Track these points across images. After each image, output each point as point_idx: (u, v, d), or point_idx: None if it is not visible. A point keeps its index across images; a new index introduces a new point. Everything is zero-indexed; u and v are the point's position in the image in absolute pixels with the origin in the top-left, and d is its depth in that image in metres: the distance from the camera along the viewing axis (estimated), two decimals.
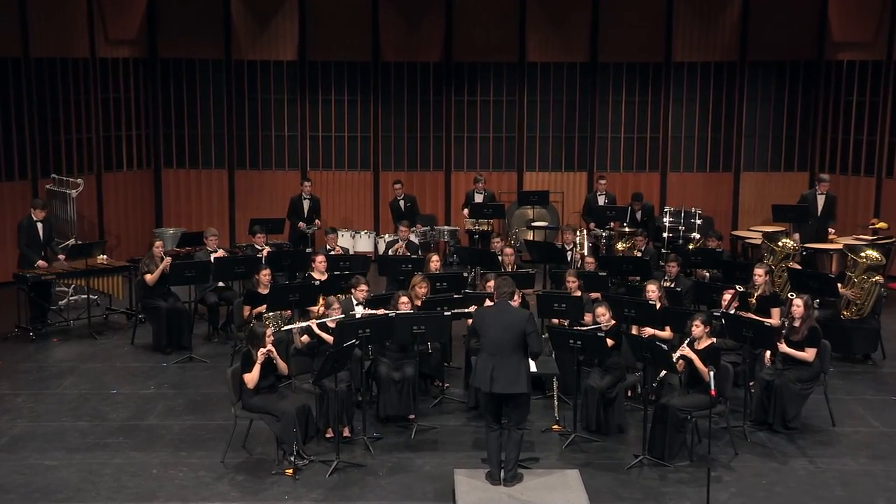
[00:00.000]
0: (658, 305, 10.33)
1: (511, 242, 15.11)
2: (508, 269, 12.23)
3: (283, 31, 16.93)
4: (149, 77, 16.79)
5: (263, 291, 11.14)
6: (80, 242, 13.68)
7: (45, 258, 12.94)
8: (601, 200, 15.83)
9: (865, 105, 16.12)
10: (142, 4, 16.45)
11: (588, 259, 12.48)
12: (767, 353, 9.86)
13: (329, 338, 9.54)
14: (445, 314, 9.87)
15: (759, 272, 10.93)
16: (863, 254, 12.03)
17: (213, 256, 12.64)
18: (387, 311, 9.93)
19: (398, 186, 16.00)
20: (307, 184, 15.63)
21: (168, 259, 12.20)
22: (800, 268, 12.77)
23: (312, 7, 16.82)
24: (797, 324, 9.67)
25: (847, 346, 11.79)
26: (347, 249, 14.65)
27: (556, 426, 9.70)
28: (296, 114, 17.13)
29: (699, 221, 15.23)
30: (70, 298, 13.80)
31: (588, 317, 10.53)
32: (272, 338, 9.00)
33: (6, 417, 9.95)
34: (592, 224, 15.62)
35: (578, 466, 8.75)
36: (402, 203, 15.94)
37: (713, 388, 8.34)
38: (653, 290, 10.49)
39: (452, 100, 17.14)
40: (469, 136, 17.28)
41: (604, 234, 15.16)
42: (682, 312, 10.08)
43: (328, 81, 17.06)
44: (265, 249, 13.18)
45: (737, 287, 10.70)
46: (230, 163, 17.23)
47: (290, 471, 8.65)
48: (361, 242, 16.41)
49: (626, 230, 14.91)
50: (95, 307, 13.41)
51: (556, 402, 9.89)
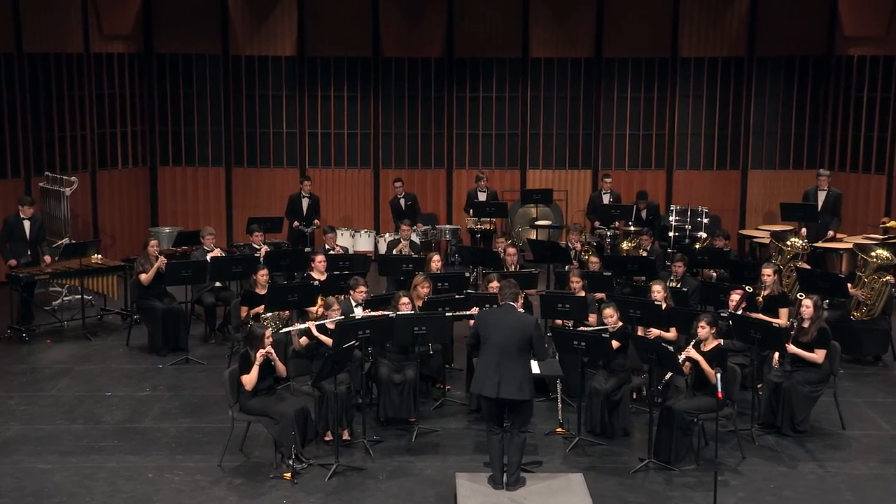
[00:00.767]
0: (664, 306, 10.33)
1: (514, 242, 15.10)
2: (511, 269, 12.22)
3: (282, 26, 16.93)
4: (144, 73, 16.79)
5: (261, 292, 11.14)
6: (74, 241, 13.68)
7: (34, 257, 12.93)
8: (606, 199, 15.83)
9: (877, 101, 16.10)
10: None
11: (592, 259, 12.47)
12: (776, 355, 9.86)
13: (328, 340, 9.54)
14: (447, 315, 9.87)
15: (767, 272, 10.93)
16: (873, 253, 12.02)
17: (210, 256, 12.64)
18: (387, 312, 9.93)
19: (399, 185, 16.00)
20: (306, 183, 15.64)
21: (163, 258, 12.21)
22: (809, 267, 12.76)
23: (312, 1, 16.82)
24: (806, 325, 9.67)
25: (857, 348, 11.78)
26: (347, 249, 14.65)
27: (560, 429, 9.70)
28: (294, 110, 17.14)
29: (706, 220, 15.24)
30: (64, 299, 13.80)
31: (592, 317, 10.55)
32: (271, 339, 9.00)
33: None
34: (597, 223, 15.63)
35: (582, 470, 8.74)
36: (403, 202, 15.95)
37: (720, 391, 8.32)
38: (658, 291, 10.50)
39: (454, 96, 17.14)
40: (471, 133, 17.28)
41: (608, 234, 15.15)
42: (689, 313, 10.07)
43: (328, 77, 17.06)
44: (263, 249, 13.18)
45: (745, 287, 10.69)
46: (227, 160, 17.23)
47: (289, 474, 8.65)
48: (361, 242, 16.41)
49: (632, 229, 14.91)
50: (90, 308, 13.39)
51: (560, 405, 9.89)
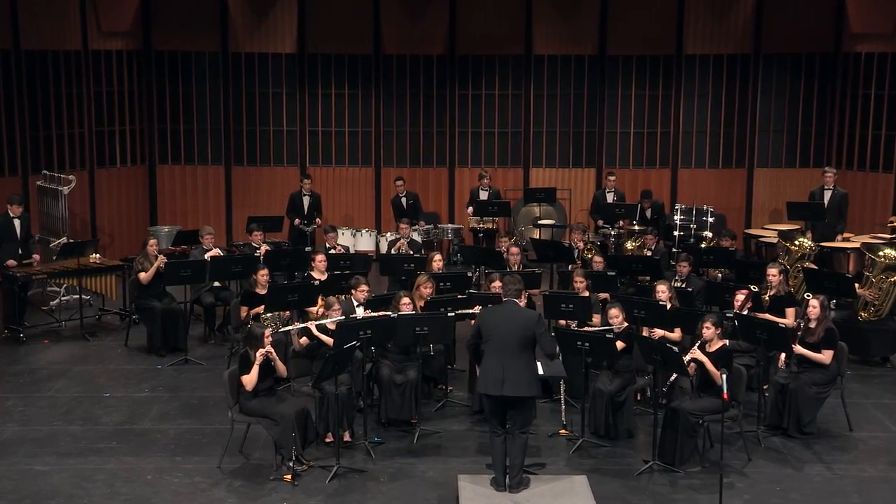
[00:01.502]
0: (668, 306, 10.33)
1: (517, 241, 15.11)
2: (514, 269, 12.22)
3: (282, 23, 16.94)
4: (143, 70, 16.80)
5: (261, 292, 11.15)
6: (72, 241, 13.69)
7: (26, 256, 12.94)
8: (610, 198, 15.84)
9: (884, 99, 16.09)
10: None
11: (596, 258, 12.48)
12: (782, 356, 9.86)
13: (329, 340, 9.54)
14: (449, 315, 9.88)
15: (773, 272, 10.94)
16: (881, 253, 12.01)
17: (210, 255, 12.65)
18: (387, 313, 9.94)
19: (400, 183, 16.01)
20: (307, 181, 15.64)
21: (162, 258, 12.22)
22: (816, 267, 12.76)
23: None
24: (813, 325, 9.67)
25: (864, 349, 11.78)
26: (348, 248, 14.65)
27: (564, 430, 9.70)
28: (295, 108, 17.14)
29: (711, 219, 15.23)
30: (62, 299, 13.81)
31: (596, 317, 10.55)
32: (271, 338, 9.01)
33: None
34: (600, 222, 15.63)
35: (586, 472, 8.74)
36: (405, 200, 15.96)
37: (725, 392, 8.32)
38: (663, 291, 10.49)
39: (456, 94, 17.15)
40: (473, 132, 17.28)
41: (612, 233, 15.16)
42: (694, 313, 10.07)
43: (328, 75, 17.07)
44: (263, 248, 13.19)
45: (750, 287, 10.69)
46: (227, 159, 17.24)
47: (289, 476, 8.66)
48: (362, 241, 16.42)
49: (636, 228, 14.91)
50: (88, 308, 13.42)
51: (564, 406, 9.89)
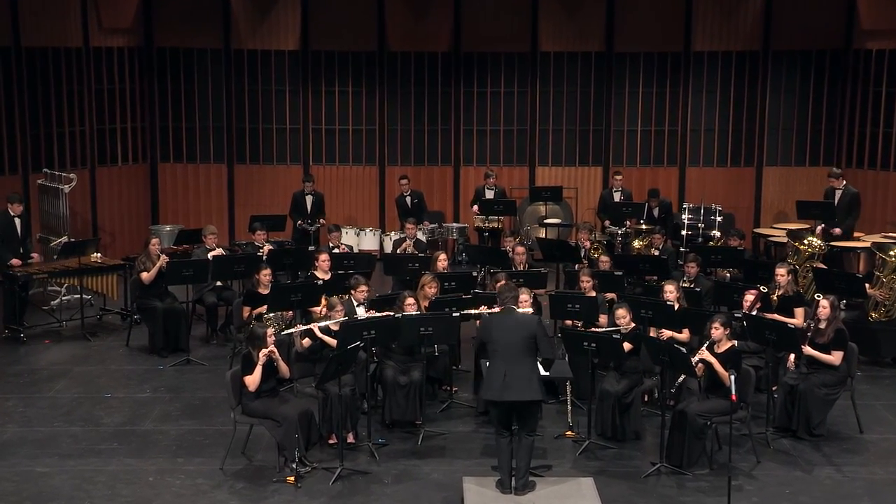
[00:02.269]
0: (676, 306, 10.33)
1: (522, 240, 15.10)
2: (519, 269, 12.23)
3: (285, 20, 16.95)
4: (145, 67, 16.82)
5: (264, 291, 11.16)
6: (73, 240, 13.72)
7: (25, 255, 12.97)
8: (617, 196, 15.83)
9: (895, 96, 16.07)
10: None
11: (603, 258, 12.48)
12: (791, 357, 9.85)
13: (332, 341, 9.55)
14: (454, 315, 9.88)
15: (781, 272, 10.93)
16: (892, 252, 11.99)
17: (212, 255, 12.67)
18: (390, 313, 9.94)
19: (405, 182, 16.02)
20: (308, 184, 15.61)
21: (164, 257, 12.24)
22: (825, 267, 12.74)
23: None
24: (823, 325, 9.66)
25: (875, 349, 11.77)
26: (352, 247, 14.67)
27: (570, 432, 9.70)
28: (298, 106, 17.15)
29: (720, 219, 15.22)
30: (62, 298, 13.84)
31: (603, 318, 10.55)
32: (273, 338, 9.02)
33: None
34: (607, 221, 15.63)
35: (593, 474, 8.75)
36: (409, 199, 15.96)
37: (734, 393, 8.32)
38: (671, 291, 10.50)
39: (461, 91, 17.15)
40: (479, 130, 17.28)
41: (619, 232, 15.15)
42: (702, 314, 10.07)
43: (332, 72, 17.08)
44: (266, 247, 13.20)
45: (759, 287, 10.68)
46: (229, 157, 17.26)
47: (292, 478, 8.67)
48: (366, 240, 16.44)
49: (643, 228, 14.90)
50: (89, 307, 13.43)
51: (570, 408, 9.90)
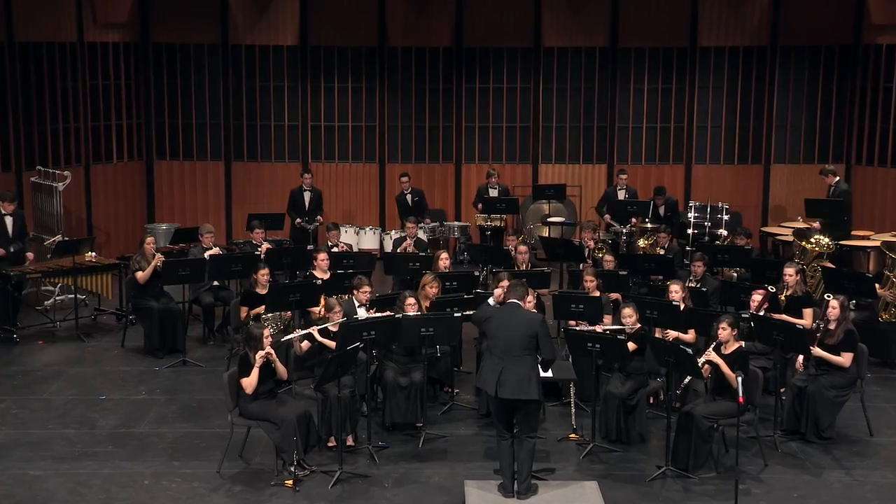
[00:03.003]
0: (682, 307, 10.33)
1: (525, 239, 15.10)
2: (522, 268, 12.22)
3: (284, 14, 16.94)
4: (140, 63, 16.82)
5: (262, 291, 11.15)
6: (67, 239, 13.71)
7: (19, 254, 12.96)
8: (621, 195, 15.82)
9: None
10: None
11: (607, 257, 12.47)
12: (800, 358, 9.85)
13: (331, 343, 9.55)
14: (455, 315, 9.88)
15: (790, 271, 10.94)
16: None
17: (209, 254, 12.66)
18: (392, 313, 9.93)
19: (405, 180, 16.01)
20: (307, 176, 15.64)
21: (160, 256, 12.23)
22: (834, 267, 12.73)
23: None
24: (832, 326, 9.65)
25: (885, 351, 11.75)
26: (351, 246, 14.66)
27: (574, 435, 9.70)
28: (297, 102, 17.15)
29: (726, 217, 15.20)
30: (56, 298, 13.83)
31: (607, 318, 10.54)
32: (270, 339, 9.01)
33: None
34: (607, 217, 15.61)
35: (597, 478, 8.74)
36: (410, 197, 15.96)
37: (741, 395, 8.32)
38: (676, 291, 10.49)
39: (463, 87, 17.13)
40: (481, 126, 17.27)
41: (624, 231, 15.14)
42: (708, 314, 10.06)
43: (331, 68, 17.07)
44: (264, 246, 13.20)
45: (767, 287, 10.67)
46: (227, 154, 17.25)
47: (291, 482, 8.67)
48: (366, 239, 16.43)
49: (649, 226, 14.90)
50: (83, 308, 13.44)
51: (574, 410, 9.89)
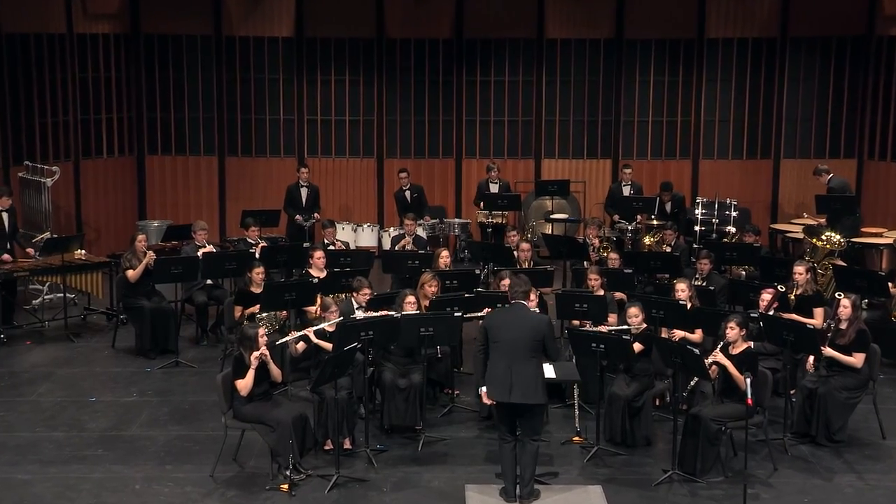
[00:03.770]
0: (689, 306, 10.32)
1: (527, 237, 15.10)
2: (525, 266, 12.22)
3: (279, 5, 16.93)
4: (131, 55, 16.81)
5: (257, 290, 11.15)
6: (56, 236, 13.71)
7: (11, 252, 12.96)
8: (626, 190, 15.82)
9: None
10: None
11: (612, 255, 12.47)
12: (810, 359, 9.84)
13: (327, 345, 9.54)
14: (456, 315, 9.87)
15: (800, 270, 10.93)
16: None
17: (202, 252, 12.65)
18: (389, 313, 9.93)
19: (404, 175, 16.01)
20: (304, 170, 15.64)
21: (152, 254, 12.22)
22: (845, 265, 12.72)
23: None
24: (844, 326, 9.64)
25: None
26: (348, 244, 14.65)
27: (577, 438, 9.70)
28: (292, 95, 17.15)
29: (735, 214, 15.20)
30: (45, 297, 13.83)
31: (612, 318, 10.54)
32: (265, 338, 9.01)
33: None
34: (617, 216, 15.61)
35: (601, 482, 8.75)
36: (409, 193, 15.96)
37: (750, 397, 8.31)
38: (683, 290, 10.49)
39: (464, 80, 17.13)
40: (482, 120, 17.27)
41: (629, 228, 15.13)
42: (716, 314, 10.06)
43: (328, 60, 17.06)
44: (259, 244, 13.20)
45: (777, 286, 10.67)
46: (220, 149, 17.25)
47: (286, 486, 8.66)
48: (364, 236, 16.42)
49: (654, 223, 14.89)
50: (73, 307, 13.44)
51: (577, 412, 9.88)
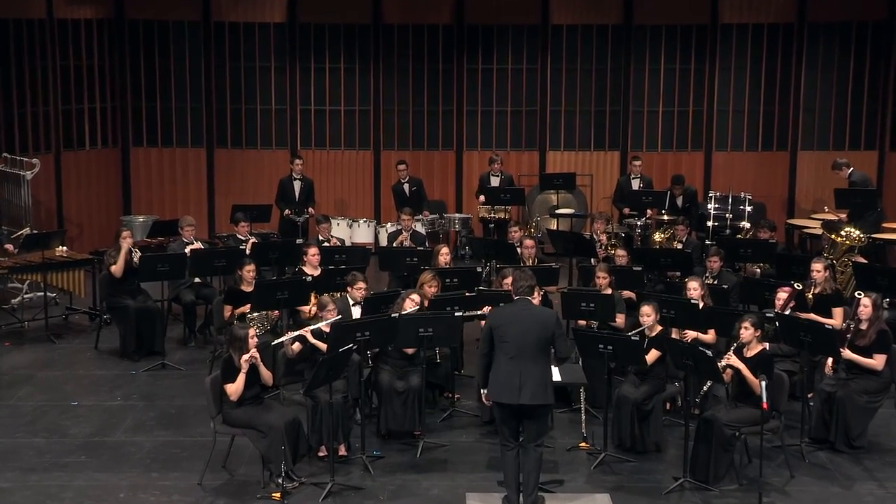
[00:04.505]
0: (701, 305, 10.33)
1: (531, 233, 15.11)
2: (528, 264, 12.23)
3: None
4: (115, 41, 16.80)
5: (247, 289, 11.15)
6: (36, 232, 13.70)
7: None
8: (635, 184, 15.82)
9: None
10: None
11: (620, 252, 12.47)
12: (829, 361, 9.84)
13: (324, 346, 9.53)
14: (456, 315, 9.87)
15: (818, 267, 10.93)
16: None
17: (190, 248, 12.66)
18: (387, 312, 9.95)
19: (402, 168, 16.01)
20: (298, 162, 15.64)
21: (137, 251, 12.22)
22: (866, 262, 12.72)
23: None
24: (864, 326, 9.64)
25: None
26: (343, 240, 14.67)
27: (584, 444, 9.70)
28: (284, 84, 17.14)
29: (749, 208, 15.18)
30: (24, 296, 13.83)
31: (620, 318, 10.54)
32: (256, 340, 9.01)
33: None
34: (625, 211, 15.62)
35: (609, 490, 8.76)
36: (407, 187, 15.96)
37: (765, 401, 8.32)
38: (695, 288, 10.50)
39: (465, 68, 17.12)
40: (484, 111, 17.26)
41: (639, 223, 15.14)
42: (730, 313, 10.06)
43: (322, 47, 17.06)
44: (249, 240, 13.20)
45: (793, 284, 10.67)
46: (209, 140, 17.25)
47: (278, 494, 8.66)
48: (360, 232, 16.43)
49: (665, 218, 14.89)
50: (54, 306, 13.43)
51: (584, 416, 9.89)
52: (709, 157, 17.27)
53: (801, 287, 10.73)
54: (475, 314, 10.36)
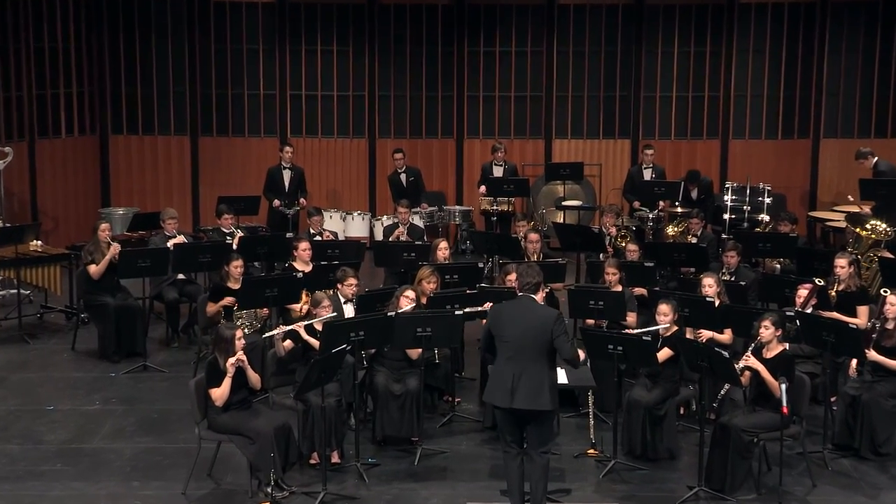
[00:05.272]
0: (717, 303, 10.33)
1: (537, 226, 15.10)
2: (533, 259, 12.23)
3: None
4: (93, 22, 16.80)
5: (234, 286, 11.15)
6: (9, 225, 13.71)
7: None
8: (647, 174, 15.82)
9: None
10: None
11: (630, 246, 12.47)
12: (853, 362, 9.84)
13: (317, 343, 9.53)
14: (456, 313, 9.87)
15: (842, 263, 10.92)
16: None
17: (172, 242, 12.66)
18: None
19: (399, 157, 16.01)
20: (288, 149, 15.63)
21: (117, 245, 12.22)
22: (893, 257, 12.73)
23: None
24: (890, 326, 9.66)
25: None
26: (337, 234, 14.68)
27: (592, 451, 9.70)
28: (274, 68, 17.13)
29: (768, 200, 15.20)
30: None
31: (631, 316, 10.53)
32: (243, 342, 9.00)
33: None
34: (636, 203, 15.62)
35: (619, 500, 8.77)
36: (404, 177, 15.96)
37: (785, 405, 8.32)
38: (711, 285, 10.49)
39: (466, 51, 17.13)
40: (486, 96, 17.27)
41: (651, 216, 15.14)
42: (748, 312, 10.06)
43: (313, 28, 17.06)
44: (237, 234, 13.20)
45: (815, 281, 10.67)
46: (193, 128, 17.25)
47: None
48: (354, 226, 16.43)
49: (679, 211, 14.90)
50: (27, 304, 13.44)
51: (592, 421, 9.89)
52: (725, 146, 17.28)
53: (824, 284, 10.73)
54: (475, 311, 10.35)
